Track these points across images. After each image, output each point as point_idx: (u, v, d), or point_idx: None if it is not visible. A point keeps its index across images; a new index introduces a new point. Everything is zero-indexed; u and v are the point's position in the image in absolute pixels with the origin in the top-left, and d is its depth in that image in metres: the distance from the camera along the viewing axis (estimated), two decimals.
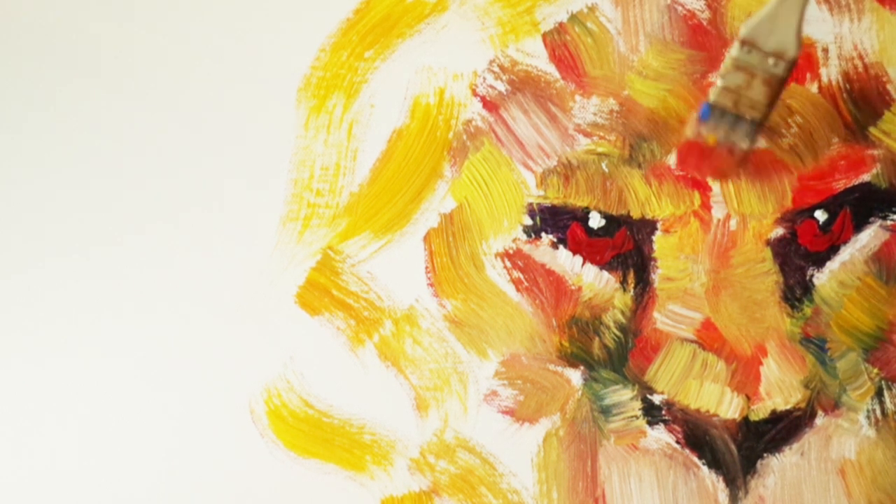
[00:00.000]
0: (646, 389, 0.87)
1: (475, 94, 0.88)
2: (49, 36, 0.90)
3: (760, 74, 0.79)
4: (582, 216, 0.87)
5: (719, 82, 0.80)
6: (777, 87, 0.79)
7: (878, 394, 0.88)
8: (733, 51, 0.79)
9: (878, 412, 0.88)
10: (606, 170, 0.86)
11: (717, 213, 0.86)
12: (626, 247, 0.87)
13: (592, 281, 0.87)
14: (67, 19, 0.90)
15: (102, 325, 0.89)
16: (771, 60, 0.78)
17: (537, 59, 0.88)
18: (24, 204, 0.90)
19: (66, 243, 0.90)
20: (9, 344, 0.90)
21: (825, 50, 0.87)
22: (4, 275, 0.90)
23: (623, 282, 0.87)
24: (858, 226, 0.87)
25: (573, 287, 0.87)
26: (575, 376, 0.88)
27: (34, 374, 0.89)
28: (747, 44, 0.78)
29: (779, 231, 0.86)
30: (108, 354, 0.89)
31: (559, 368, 0.88)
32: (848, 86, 0.86)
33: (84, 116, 0.90)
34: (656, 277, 0.86)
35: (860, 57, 0.87)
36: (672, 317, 0.86)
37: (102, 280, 0.89)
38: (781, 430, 0.87)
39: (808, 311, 0.87)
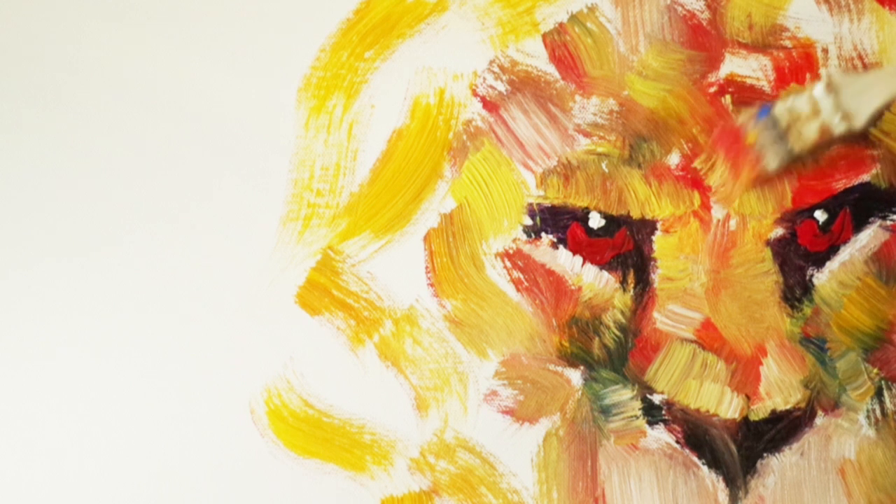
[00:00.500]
0: (646, 389, 0.87)
1: (475, 94, 0.88)
2: (49, 35, 0.90)
3: (822, 119, 0.80)
4: (582, 216, 0.87)
5: (790, 98, 0.81)
6: (827, 140, 0.80)
7: (878, 394, 0.88)
8: (818, 84, 0.80)
9: (878, 412, 0.88)
10: (606, 170, 0.86)
11: (717, 213, 0.86)
12: (626, 247, 0.87)
13: (592, 281, 0.87)
14: (68, 19, 0.90)
15: (103, 325, 0.89)
16: (838, 116, 0.79)
17: (537, 59, 0.88)
18: (25, 203, 0.90)
19: (67, 243, 0.90)
20: (9, 344, 0.90)
21: (825, 50, 0.87)
22: (4, 275, 0.90)
23: (623, 282, 0.87)
24: (858, 226, 0.87)
25: (573, 287, 0.87)
26: (575, 376, 0.88)
27: (34, 374, 0.89)
28: (831, 87, 0.80)
29: (778, 231, 0.86)
30: (109, 354, 0.89)
31: (559, 368, 0.88)
32: None
33: (84, 117, 0.90)
34: (656, 277, 0.87)
35: (860, 57, 0.87)
36: (672, 317, 0.86)
37: (103, 280, 0.89)
38: (781, 429, 0.87)
39: (807, 311, 0.87)
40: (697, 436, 0.87)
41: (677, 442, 0.87)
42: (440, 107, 0.88)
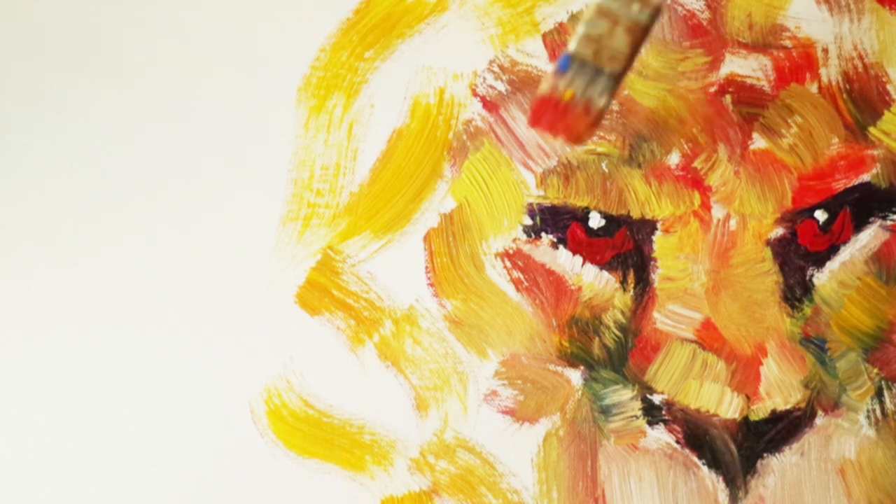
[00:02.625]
0: (646, 389, 0.87)
1: (475, 94, 0.88)
2: (49, 35, 0.90)
3: (623, 22, 0.73)
4: (582, 216, 0.87)
5: (580, 29, 0.74)
6: (640, 35, 0.73)
7: (878, 394, 0.88)
8: None
9: (878, 412, 0.88)
10: (606, 170, 0.86)
11: (717, 213, 0.86)
12: (626, 247, 0.87)
13: (592, 281, 0.87)
14: (69, 19, 0.90)
15: (102, 325, 0.89)
16: (636, 6, 0.73)
17: (537, 59, 0.88)
18: (23, 203, 0.90)
19: (65, 243, 0.89)
20: (10, 346, 0.90)
21: (825, 50, 0.87)
22: (5, 279, 0.90)
23: (623, 282, 0.87)
24: (858, 226, 0.87)
25: (573, 287, 0.87)
26: (575, 376, 0.88)
27: (33, 375, 0.89)
28: None
29: (779, 231, 0.86)
30: (108, 355, 0.89)
31: (559, 368, 0.88)
32: (848, 86, 0.87)
33: (83, 117, 0.90)
34: (656, 277, 0.87)
35: (860, 57, 0.87)
36: (672, 317, 0.86)
37: (102, 280, 0.89)
38: (781, 430, 0.87)
39: (808, 311, 0.87)
40: (697, 436, 0.87)
41: (677, 442, 0.87)
42: (440, 106, 0.88)
